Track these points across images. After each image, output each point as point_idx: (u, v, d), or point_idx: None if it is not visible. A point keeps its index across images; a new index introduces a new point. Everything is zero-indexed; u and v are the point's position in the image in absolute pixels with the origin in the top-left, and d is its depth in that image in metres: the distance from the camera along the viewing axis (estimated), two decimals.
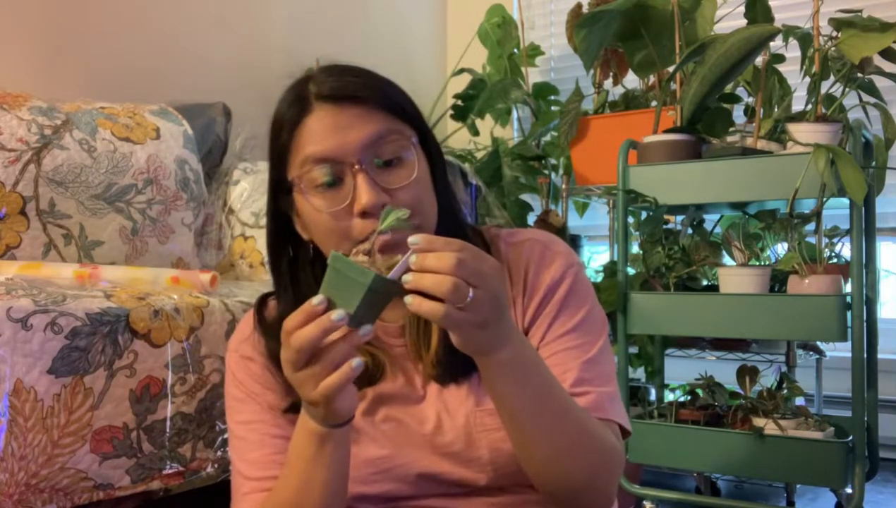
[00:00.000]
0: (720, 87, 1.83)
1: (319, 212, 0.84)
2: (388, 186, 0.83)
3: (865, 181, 1.57)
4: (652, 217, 1.83)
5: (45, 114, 1.62)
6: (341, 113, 0.85)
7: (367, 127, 0.84)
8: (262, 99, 2.48)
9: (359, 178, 0.82)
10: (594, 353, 0.89)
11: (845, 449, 1.59)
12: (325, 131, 0.85)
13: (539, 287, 0.90)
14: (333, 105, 0.86)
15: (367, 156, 0.83)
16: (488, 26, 2.71)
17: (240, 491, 0.89)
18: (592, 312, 0.92)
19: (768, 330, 1.68)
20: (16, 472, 1.04)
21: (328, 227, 0.84)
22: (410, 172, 0.85)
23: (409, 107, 0.90)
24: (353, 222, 0.83)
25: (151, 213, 1.72)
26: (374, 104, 0.86)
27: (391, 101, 0.88)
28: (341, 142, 0.84)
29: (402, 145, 0.86)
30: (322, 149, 0.84)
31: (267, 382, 0.91)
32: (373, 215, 0.82)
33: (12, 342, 1.04)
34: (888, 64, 1.70)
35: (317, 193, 0.84)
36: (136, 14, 2.13)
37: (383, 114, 0.86)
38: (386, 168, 0.84)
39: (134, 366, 1.17)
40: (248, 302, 1.35)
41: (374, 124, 0.85)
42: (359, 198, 0.82)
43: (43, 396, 1.07)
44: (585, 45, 2.08)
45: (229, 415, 0.94)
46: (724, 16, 2.04)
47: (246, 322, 0.96)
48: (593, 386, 0.87)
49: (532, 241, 0.94)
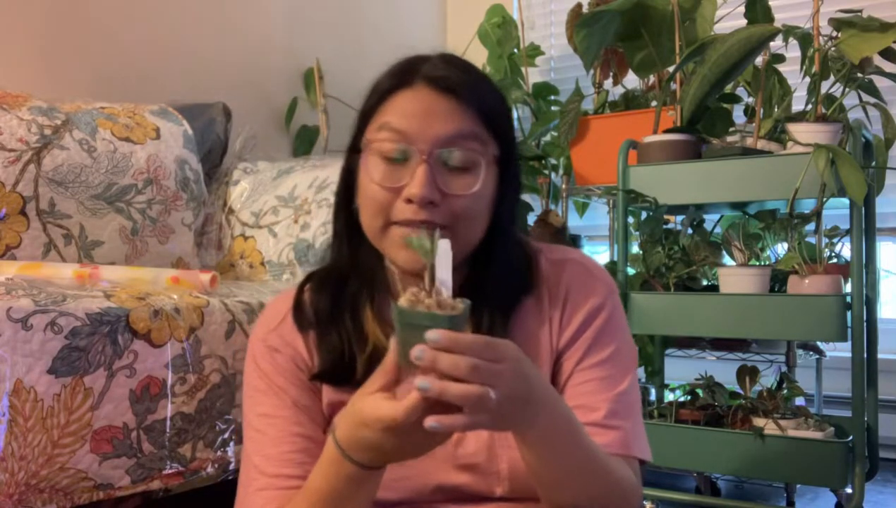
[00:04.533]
0: (720, 87, 1.83)
1: (372, 181, 0.83)
2: (445, 188, 0.82)
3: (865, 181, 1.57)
4: (652, 217, 1.83)
5: (45, 114, 1.62)
6: (436, 100, 0.84)
7: (452, 123, 0.83)
8: (262, 99, 2.51)
9: (421, 168, 0.81)
10: (625, 386, 0.89)
11: (845, 449, 1.59)
12: (413, 110, 0.83)
13: (578, 311, 0.90)
14: (432, 89, 0.84)
15: (439, 152, 0.82)
16: (488, 26, 2.71)
17: (252, 485, 0.88)
18: (626, 344, 0.92)
19: (768, 330, 1.68)
20: (16, 472, 1.04)
21: (373, 197, 0.84)
22: (472, 184, 0.83)
23: (503, 124, 0.87)
24: (396, 203, 0.82)
25: (151, 213, 1.72)
26: (469, 105, 0.84)
27: (488, 110, 0.85)
28: (422, 127, 0.82)
29: (477, 155, 0.84)
30: (402, 125, 0.83)
31: (292, 376, 0.90)
32: (417, 206, 0.81)
33: (12, 342, 1.04)
34: (888, 64, 1.70)
35: (379, 162, 0.84)
36: (137, 14, 2.13)
37: (474, 118, 0.84)
38: (452, 170, 0.83)
39: (134, 366, 1.17)
40: (247, 302, 1.35)
41: (460, 124, 0.83)
42: (412, 184, 0.81)
43: (43, 396, 1.07)
44: (585, 45, 2.08)
45: (248, 405, 0.92)
46: (724, 16, 2.04)
47: (275, 309, 0.95)
48: (622, 420, 0.87)
49: (573, 262, 0.93)
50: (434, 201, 0.81)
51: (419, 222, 0.81)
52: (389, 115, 0.84)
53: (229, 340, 1.29)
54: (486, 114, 0.85)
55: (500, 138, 0.87)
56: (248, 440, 0.91)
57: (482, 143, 0.84)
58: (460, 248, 0.83)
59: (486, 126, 0.85)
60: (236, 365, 1.30)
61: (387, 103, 0.86)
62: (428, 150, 0.82)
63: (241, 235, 1.87)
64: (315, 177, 1.85)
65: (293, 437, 0.88)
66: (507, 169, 0.88)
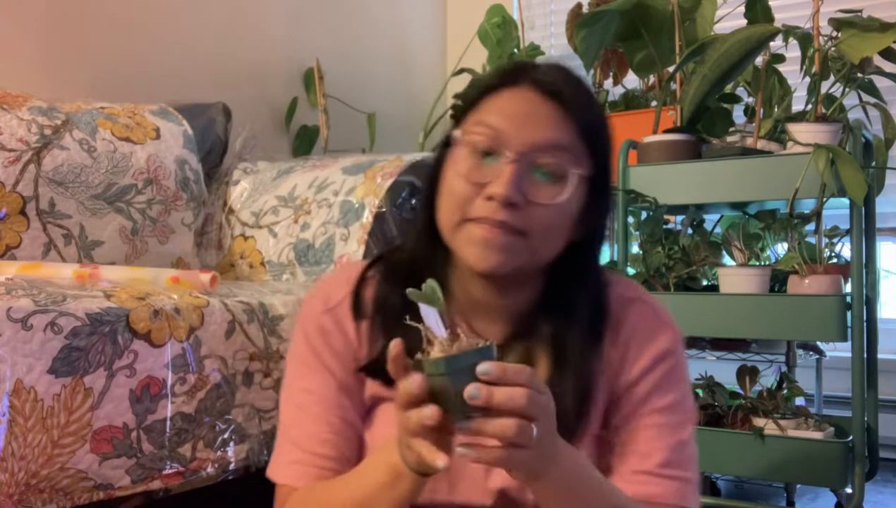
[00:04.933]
0: (720, 87, 1.83)
1: (457, 174, 0.82)
2: (529, 194, 0.79)
3: (865, 181, 1.57)
4: (652, 217, 1.83)
5: (45, 114, 1.62)
6: (539, 104, 0.82)
7: (550, 130, 0.81)
8: (262, 99, 2.51)
9: (509, 167, 0.79)
10: (685, 436, 0.88)
11: (845, 449, 1.59)
12: (513, 109, 0.82)
13: (643, 355, 0.88)
14: (537, 92, 0.82)
15: (530, 156, 0.80)
16: (488, 26, 2.71)
17: (287, 457, 0.88)
18: (688, 394, 0.90)
19: (768, 330, 1.68)
20: (16, 472, 1.04)
21: (455, 190, 0.82)
22: (555, 195, 0.80)
23: (602, 145, 0.85)
24: (477, 200, 0.80)
25: (151, 213, 1.71)
26: (571, 115, 0.82)
27: (589, 126, 0.83)
28: (519, 128, 0.80)
29: (568, 168, 0.81)
30: (499, 123, 0.81)
31: (342, 360, 0.89)
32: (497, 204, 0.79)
33: (12, 342, 1.04)
34: (888, 64, 1.70)
35: (468, 155, 0.82)
36: (137, 14, 2.13)
37: (574, 131, 0.82)
38: (540, 178, 0.80)
39: (134, 366, 1.17)
40: (247, 302, 1.35)
41: (558, 133, 0.81)
42: (496, 182, 0.79)
43: (43, 396, 1.07)
44: (585, 45, 2.08)
45: (292, 376, 0.91)
46: (724, 16, 2.04)
47: (334, 288, 0.92)
48: (681, 471, 0.86)
49: (641, 303, 0.91)
50: (516, 203, 0.79)
51: (496, 222, 0.79)
52: (487, 112, 0.83)
53: (229, 340, 1.29)
54: (586, 129, 0.82)
55: (597, 158, 0.84)
56: (287, 411, 0.91)
57: (576, 158, 0.82)
58: (530, 260, 0.82)
59: (585, 141, 0.82)
60: (236, 365, 1.30)
61: (487, 100, 0.84)
62: (520, 152, 0.79)
63: (241, 235, 1.87)
64: (315, 177, 1.85)
65: (333, 419, 0.87)
66: (598, 191, 0.85)
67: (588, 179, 0.83)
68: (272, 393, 1.33)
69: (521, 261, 0.81)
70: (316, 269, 1.72)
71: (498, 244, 0.79)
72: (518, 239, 0.80)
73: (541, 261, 0.84)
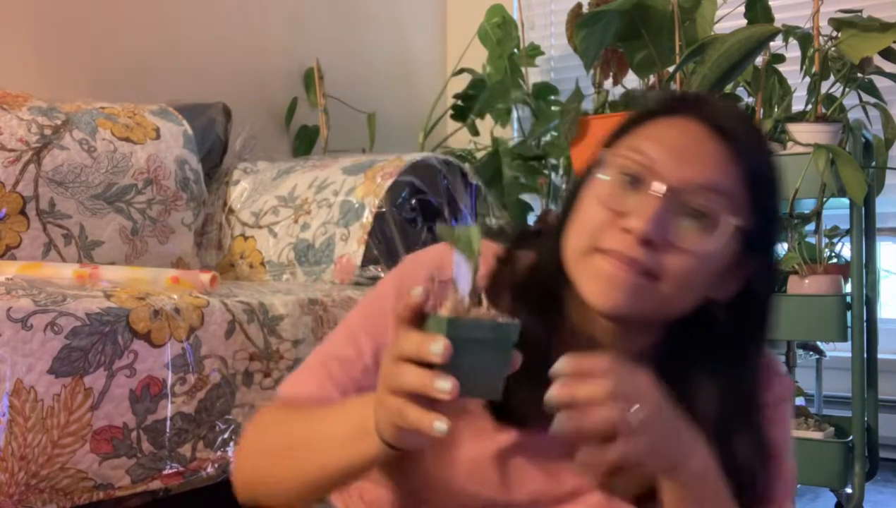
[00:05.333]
0: (720, 87, 1.82)
1: (595, 197, 0.73)
2: (669, 235, 0.70)
3: (865, 181, 1.57)
4: None
5: (45, 114, 1.62)
6: (702, 139, 0.73)
7: (708, 169, 0.72)
8: (262, 99, 2.51)
9: (653, 202, 0.70)
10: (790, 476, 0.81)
11: (845, 449, 1.59)
12: (672, 140, 0.73)
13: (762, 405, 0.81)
14: (703, 126, 0.74)
15: (681, 194, 0.71)
16: (488, 26, 2.71)
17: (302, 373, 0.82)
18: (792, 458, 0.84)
19: None
20: (16, 472, 1.04)
21: (589, 214, 0.74)
22: (701, 243, 0.71)
23: (766, 197, 0.75)
24: (611, 230, 0.71)
25: (151, 213, 1.72)
26: (737, 159, 0.73)
27: (755, 173, 0.74)
28: (675, 161, 0.72)
29: (722, 213, 0.71)
30: (653, 152, 0.73)
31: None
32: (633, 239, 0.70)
33: (12, 342, 1.04)
34: (888, 64, 1.70)
35: (611, 179, 0.74)
36: (137, 14, 2.13)
37: (736, 175, 0.73)
38: (686, 220, 0.71)
39: (134, 366, 1.17)
40: (247, 302, 1.35)
41: (717, 174, 0.72)
42: (637, 214, 0.70)
43: (43, 396, 1.07)
44: (585, 45, 2.08)
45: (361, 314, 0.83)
46: (724, 16, 2.04)
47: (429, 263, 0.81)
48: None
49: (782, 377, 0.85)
50: (653, 242, 0.70)
51: (628, 258, 0.70)
52: (642, 138, 0.75)
53: (229, 340, 1.29)
54: (753, 175, 0.73)
55: (759, 211, 0.74)
56: (336, 338, 0.83)
57: (734, 206, 0.72)
58: (656, 308, 0.73)
59: (748, 189, 0.73)
60: (236, 365, 1.30)
61: (645, 126, 0.76)
62: (670, 187, 0.71)
63: (241, 235, 1.87)
64: (315, 177, 1.85)
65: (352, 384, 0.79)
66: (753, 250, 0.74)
67: (743, 233, 0.72)
68: (272, 393, 1.33)
69: (645, 308, 0.72)
70: (316, 269, 1.72)
71: (625, 283, 0.71)
72: (648, 282, 0.71)
73: (668, 313, 0.75)
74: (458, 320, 0.58)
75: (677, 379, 0.74)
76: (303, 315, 1.39)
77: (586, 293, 0.73)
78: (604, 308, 0.72)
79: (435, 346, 0.58)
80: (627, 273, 0.70)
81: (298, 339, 1.37)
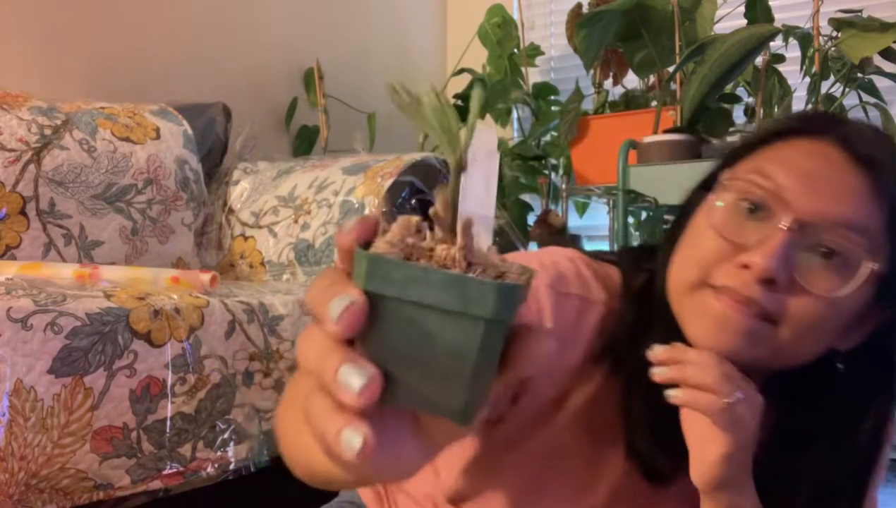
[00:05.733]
0: (720, 87, 1.83)
1: (710, 224, 0.65)
2: (797, 275, 0.61)
3: None
4: (652, 217, 1.83)
5: (45, 114, 1.62)
6: (843, 168, 0.63)
7: (848, 203, 0.62)
8: (262, 99, 2.51)
9: (779, 236, 0.61)
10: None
11: None
12: (807, 167, 0.64)
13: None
14: (844, 153, 0.64)
15: (813, 229, 0.62)
16: (488, 26, 2.71)
17: None
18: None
19: None
20: (16, 472, 1.04)
21: (701, 242, 0.65)
22: (833, 286, 0.62)
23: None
24: (726, 264, 0.63)
25: (151, 213, 1.72)
26: (878, 192, 0.63)
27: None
28: (808, 191, 0.62)
29: (860, 255, 0.62)
30: (784, 179, 0.63)
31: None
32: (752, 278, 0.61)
33: (12, 342, 1.04)
34: (888, 64, 1.70)
35: (730, 205, 0.65)
36: (137, 14, 2.13)
37: (879, 212, 0.63)
38: (817, 260, 0.62)
39: (134, 366, 1.17)
40: (248, 302, 1.35)
41: (858, 210, 0.62)
42: (760, 250, 0.61)
43: (43, 396, 1.07)
44: (585, 45, 2.08)
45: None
46: (724, 16, 2.04)
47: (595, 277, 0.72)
48: None
49: None
50: (777, 283, 0.61)
51: (744, 297, 0.62)
52: (772, 162, 0.65)
53: (229, 340, 1.29)
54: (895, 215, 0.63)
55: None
56: None
57: (874, 247, 0.62)
58: (771, 356, 0.64)
59: (888, 231, 0.63)
60: (236, 365, 1.30)
61: (775, 146, 0.67)
62: (800, 220, 0.61)
63: (241, 235, 1.87)
64: (315, 177, 1.85)
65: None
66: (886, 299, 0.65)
67: (879, 278, 0.63)
68: (272, 393, 1.33)
69: (758, 356, 0.64)
70: (316, 269, 1.72)
71: (738, 327, 0.62)
72: (765, 326, 0.62)
73: (783, 362, 0.66)
74: (387, 261, 0.33)
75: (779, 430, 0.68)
76: (303, 315, 1.39)
77: (691, 333, 0.65)
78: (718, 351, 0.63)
79: (335, 303, 0.34)
80: (743, 314, 0.62)
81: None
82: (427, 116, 0.33)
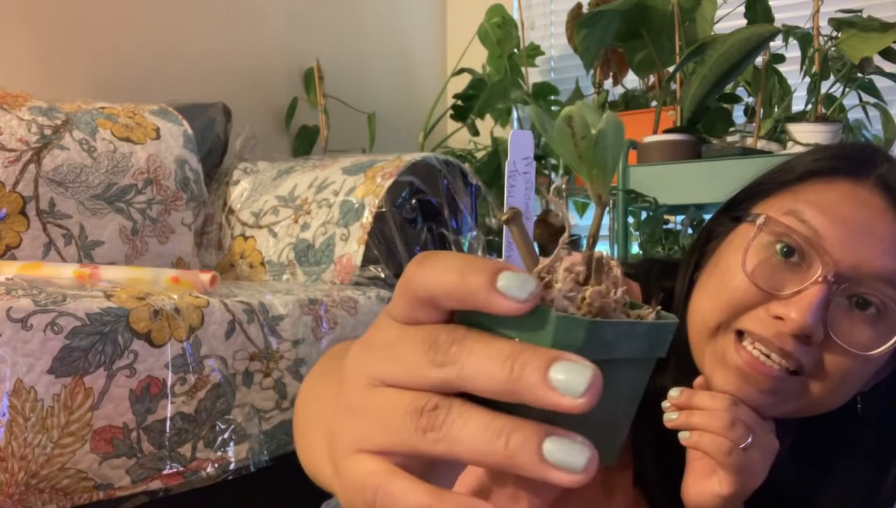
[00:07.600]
0: (720, 87, 1.83)
1: (742, 268, 0.61)
2: (832, 330, 0.58)
3: None
4: (652, 217, 1.83)
5: (45, 114, 1.62)
6: (885, 216, 0.60)
7: (888, 255, 0.59)
8: (262, 99, 2.51)
9: (816, 289, 0.58)
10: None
11: None
12: (847, 213, 0.60)
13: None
14: (885, 199, 0.61)
15: (853, 282, 0.59)
16: (488, 26, 2.71)
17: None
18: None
19: None
20: (16, 472, 1.04)
21: (730, 283, 0.61)
22: (871, 343, 0.59)
23: None
24: (758, 310, 0.60)
25: (151, 213, 1.72)
26: None
27: None
28: (849, 241, 0.59)
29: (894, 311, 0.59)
30: (822, 225, 0.60)
31: None
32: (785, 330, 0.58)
33: (12, 342, 1.04)
34: (888, 64, 1.70)
35: (763, 246, 0.61)
36: (137, 14, 2.13)
37: None
38: (852, 309, 0.59)
39: (134, 366, 1.17)
40: (248, 302, 1.35)
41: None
42: (796, 304, 0.58)
43: (43, 396, 1.06)
44: (585, 45, 2.08)
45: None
46: (724, 16, 2.04)
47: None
48: None
49: None
50: (812, 338, 0.58)
51: (776, 348, 0.59)
52: (811, 205, 0.61)
53: (229, 340, 1.29)
54: None
55: None
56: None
57: None
58: (800, 408, 0.62)
59: None
60: (236, 365, 1.30)
61: (814, 184, 0.63)
62: (840, 273, 0.58)
63: (241, 235, 1.87)
64: (315, 177, 1.85)
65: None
66: None
67: None
68: (272, 393, 1.33)
69: (787, 410, 0.62)
70: (316, 269, 1.72)
71: (766, 381, 0.60)
72: (796, 380, 0.60)
73: (812, 412, 0.63)
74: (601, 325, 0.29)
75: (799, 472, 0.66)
76: (303, 315, 1.39)
77: (713, 380, 0.62)
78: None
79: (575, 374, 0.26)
80: (772, 369, 0.59)
81: (298, 339, 1.38)
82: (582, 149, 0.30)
